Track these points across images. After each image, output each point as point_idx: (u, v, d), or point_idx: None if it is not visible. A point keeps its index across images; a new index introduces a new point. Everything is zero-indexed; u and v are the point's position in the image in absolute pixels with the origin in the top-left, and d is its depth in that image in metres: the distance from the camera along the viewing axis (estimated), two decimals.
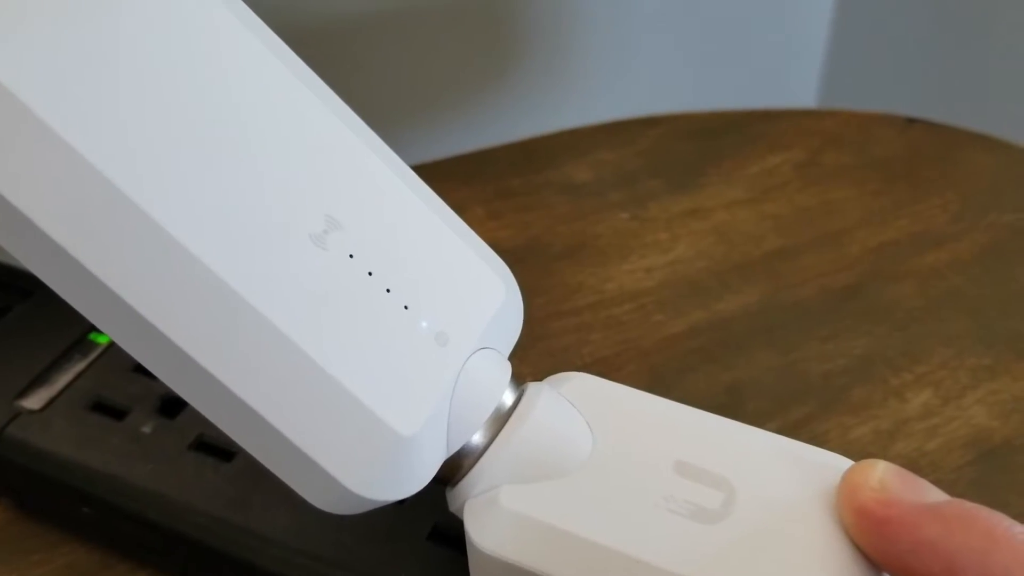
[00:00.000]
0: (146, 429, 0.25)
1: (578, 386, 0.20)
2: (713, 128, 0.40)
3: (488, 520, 0.18)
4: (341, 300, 0.17)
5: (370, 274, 0.18)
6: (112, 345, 0.27)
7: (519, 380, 0.20)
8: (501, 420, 0.19)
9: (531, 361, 0.30)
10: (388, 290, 0.18)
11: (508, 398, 0.19)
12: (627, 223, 0.36)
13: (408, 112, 0.49)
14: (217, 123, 0.17)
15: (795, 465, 0.19)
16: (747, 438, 0.20)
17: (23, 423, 0.25)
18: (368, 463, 0.17)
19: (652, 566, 0.17)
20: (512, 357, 0.20)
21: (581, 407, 0.20)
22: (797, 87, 0.65)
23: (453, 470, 0.19)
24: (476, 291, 0.20)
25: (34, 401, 0.26)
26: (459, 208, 0.39)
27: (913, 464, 0.27)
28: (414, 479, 0.18)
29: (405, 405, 0.18)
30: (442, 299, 0.19)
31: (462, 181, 0.38)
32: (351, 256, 0.18)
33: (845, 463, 0.19)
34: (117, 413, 0.25)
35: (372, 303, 0.18)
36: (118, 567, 0.26)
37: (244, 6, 0.19)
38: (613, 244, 0.35)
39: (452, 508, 0.19)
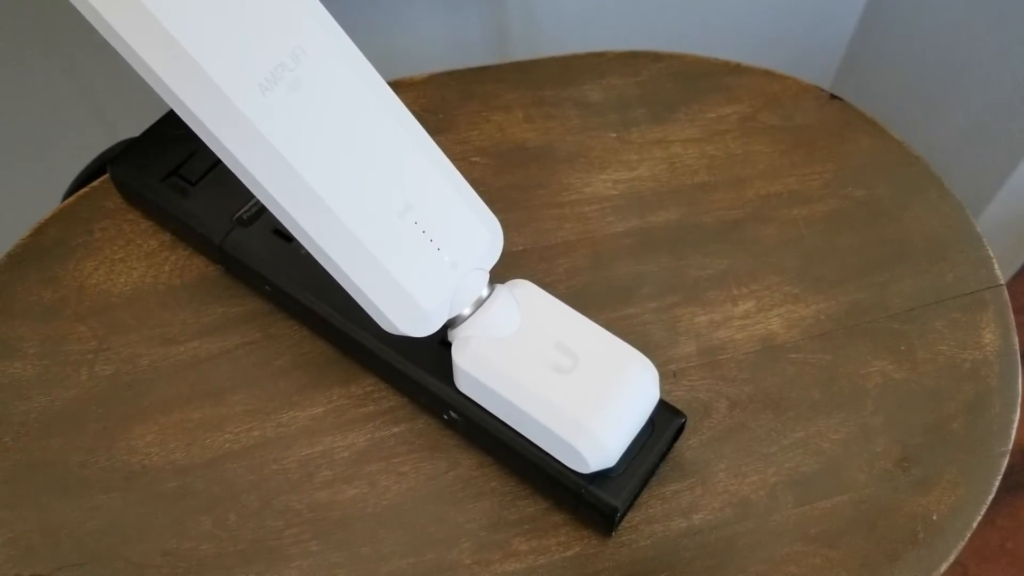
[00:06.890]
0: (303, 252, 0.45)
1: (521, 290, 0.40)
2: (696, 72, 0.56)
3: (464, 350, 0.39)
4: (406, 243, 0.37)
5: (423, 232, 0.37)
6: None
7: (494, 279, 0.40)
8: (478, 304, 0.39)
9: (526, 235, 0.49)
10: (431, 240, 0.37)
11: (484, 292, 0.39)
12: (613, 142, 0.53)
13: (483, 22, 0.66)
14: (348, 144, 0.35)
15: (612, 350, 0.39)
16: (594, 333, 0.39)
17: (236, 233, 0.46)
18: (410, 317, 0.38)
19: (533, 392, 0.38)
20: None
21: (519, 302, 0.40)
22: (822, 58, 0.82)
23: (452, 323, 0.39)
24: (474, 239, 0.39)
25: (242, 221, 0.46)
26: (506, 108, 0.58)
27: (722, 345, 0.46)
28: (432, 326, 0.38)
29: (430, 294, 0.38)
30: (456, 244, 0.38)
31: (512, 86, 0.55)
32: (415, 223, 0.37)
33: (638, 354, 0.39)
34: (287, 238, 0.46)
35: (421, 245, 0.37)
36: (277, 315, 0.47)
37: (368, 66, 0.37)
38: (600, 157, 0.53)
39: (449, 339, 0.40)
